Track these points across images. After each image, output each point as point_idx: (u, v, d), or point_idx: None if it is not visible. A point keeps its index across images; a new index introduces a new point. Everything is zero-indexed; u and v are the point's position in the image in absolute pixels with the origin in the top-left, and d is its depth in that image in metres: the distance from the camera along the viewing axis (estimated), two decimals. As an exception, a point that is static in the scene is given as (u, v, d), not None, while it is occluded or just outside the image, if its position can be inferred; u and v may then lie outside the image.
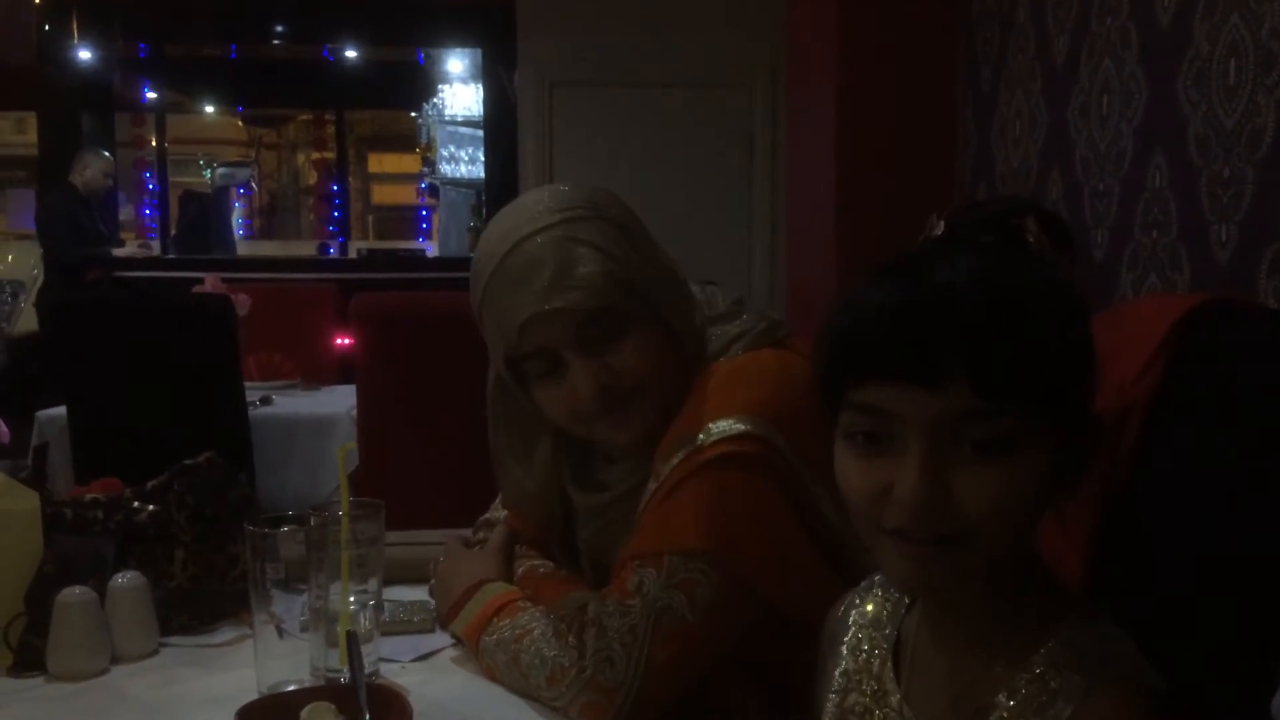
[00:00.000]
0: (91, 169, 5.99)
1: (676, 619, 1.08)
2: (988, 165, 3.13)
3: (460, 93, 6.75)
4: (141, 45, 7.54)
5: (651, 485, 1.15)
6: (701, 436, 1.12)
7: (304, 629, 1.16)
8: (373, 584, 1.18)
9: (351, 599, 1.15)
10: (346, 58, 7.29)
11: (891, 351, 0.74)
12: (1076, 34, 2.52)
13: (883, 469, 0.76)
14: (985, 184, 3.16)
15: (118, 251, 6.03)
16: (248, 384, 3.31)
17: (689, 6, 4.82)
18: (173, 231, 7.62)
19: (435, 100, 6.88)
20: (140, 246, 6.45)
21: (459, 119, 6.71)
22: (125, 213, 8.50)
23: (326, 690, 1.03)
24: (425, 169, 7.53)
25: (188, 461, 1.36)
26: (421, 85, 7.30)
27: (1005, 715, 0.78)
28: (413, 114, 7.67)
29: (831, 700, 0.90)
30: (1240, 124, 1.86)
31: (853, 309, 0.78)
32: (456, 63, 6.92)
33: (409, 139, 8.83)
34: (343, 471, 1.20)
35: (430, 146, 7.02)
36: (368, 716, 0.96)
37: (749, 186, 4.91)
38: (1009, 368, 0.73)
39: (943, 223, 0.83)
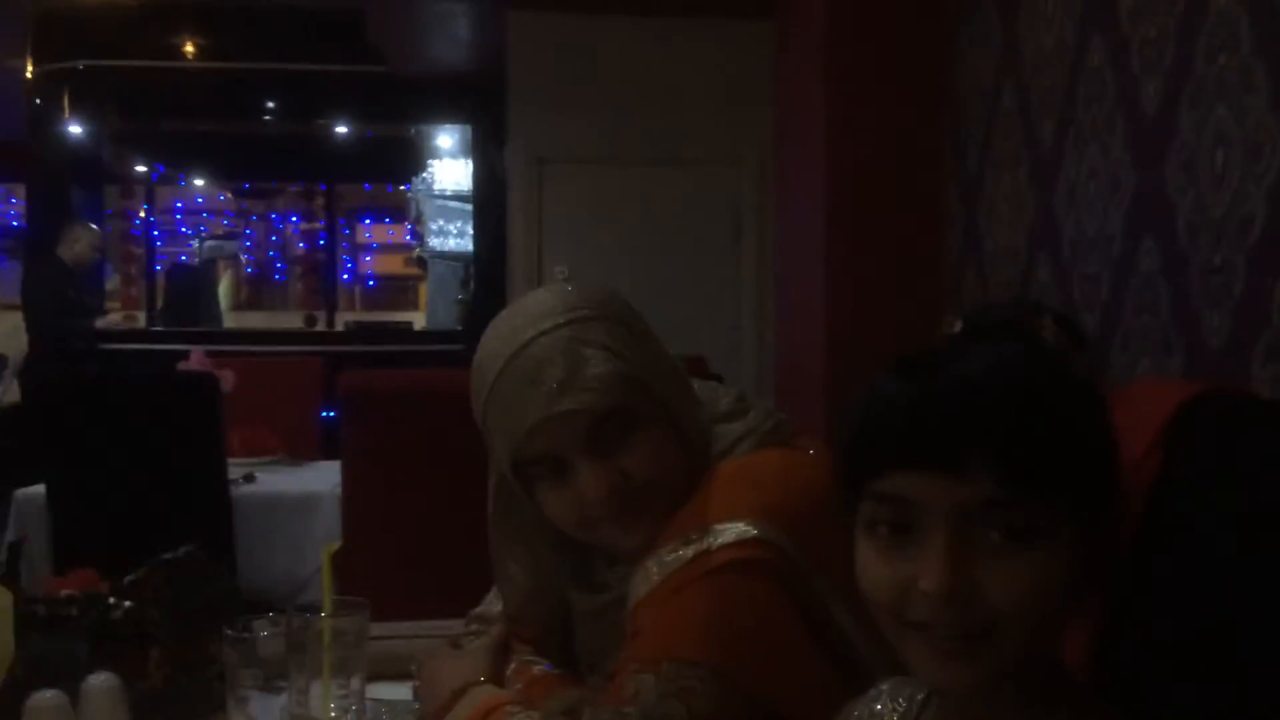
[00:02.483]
0: (81, 242, 5.98)
1: None
2: (976, 246, 3.14)
3: (450, 167, 6.80)
4: (133, 120, 7.59)
5: (641, 584, 1.12)
6: (709, 539, 1.09)
7: (284, 728, 1.12)
8: (355, 684, 1.14)
9: (332, 704, 1.12)
10: (337, 133, 7.35)
11: (914, 439, 0.74)
12: (1063, 119, 2.55)
13: (907, 561, 0.74)
14: (974, 264, 3.17)
15: (100, 322, 6.00)
16: (231, 460, 3.27)
17: (678, 86, 4.87)
18: (159, 303, 7.61)
19: (425, 175, 6.92)
20: (125, 319, 6.43)
21: (448, 193, 6.74)
22: (112, 283, 8.49)
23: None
24: (414, 242, 7.56)
25: (166, 555, 1.33)
26: (411, 160, 7.35)
27: None
28: (402, 187, 7.72)
29: None
30: (1229, 213, 1.87)
31: (873, 400, 0.78)
32: (446, 138, 6.98)
33: (399, 210, 8.86)
34: (327, 572, 1.16)
35: (420, 220, 7.05)
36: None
37: (737, 265, 4.93)
38: (1031, 456, 0.72)
39: (959, 322, 0.84)
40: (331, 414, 3.82)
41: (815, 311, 3.61)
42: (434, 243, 6.83)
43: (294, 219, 10.60)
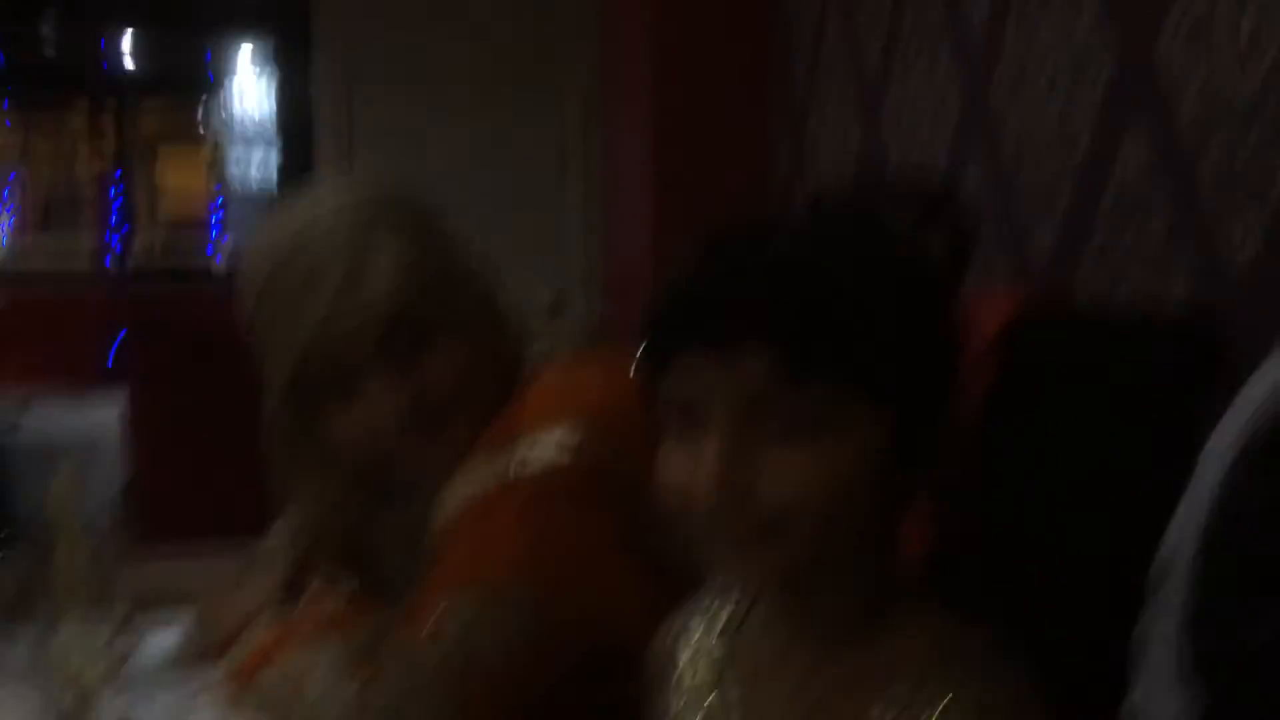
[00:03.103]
0: None
1: (483, 664, 0.92)
2: (802, 176, 3.12)
3: (250, 89, 6.37)
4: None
5: (447, 501, 0.99)
6: (523, 450, 0.97)
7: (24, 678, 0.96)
8: (114, 622, 0.98)
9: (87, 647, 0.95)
10: (124, 46, 6.79)
11: (692, 324, 0.68)
12: (890, 40, 2.52)
13: (690, 454, 0.68)
14: (801, 196, 3.15)
15: None
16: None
17: (499, 11, 4.67)
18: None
19: (222, 96, 6.46)
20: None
21: (250, 118, 6.32)
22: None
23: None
24: (214, 174, 7.08)
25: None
26: (206, 79, 6.86)
27: None
28: (199, 112, 7.22)
29: None
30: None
31: (665, 286, 0.71)
32: (246, 56, 6.53)
33: (196, 145, 8.31)
34: (66, 489, 0.99)
35: (217, 148, 6.59)
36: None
37: (563, 192, 4.79)
38: (809, 341, 0.65)
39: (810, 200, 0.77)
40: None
41: (643, 247, 3.55)
42: (233, 172, 6.39)
43: (80, 140, 9.86)
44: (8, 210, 8.54)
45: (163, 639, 1.18)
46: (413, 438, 1.01)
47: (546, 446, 0.96)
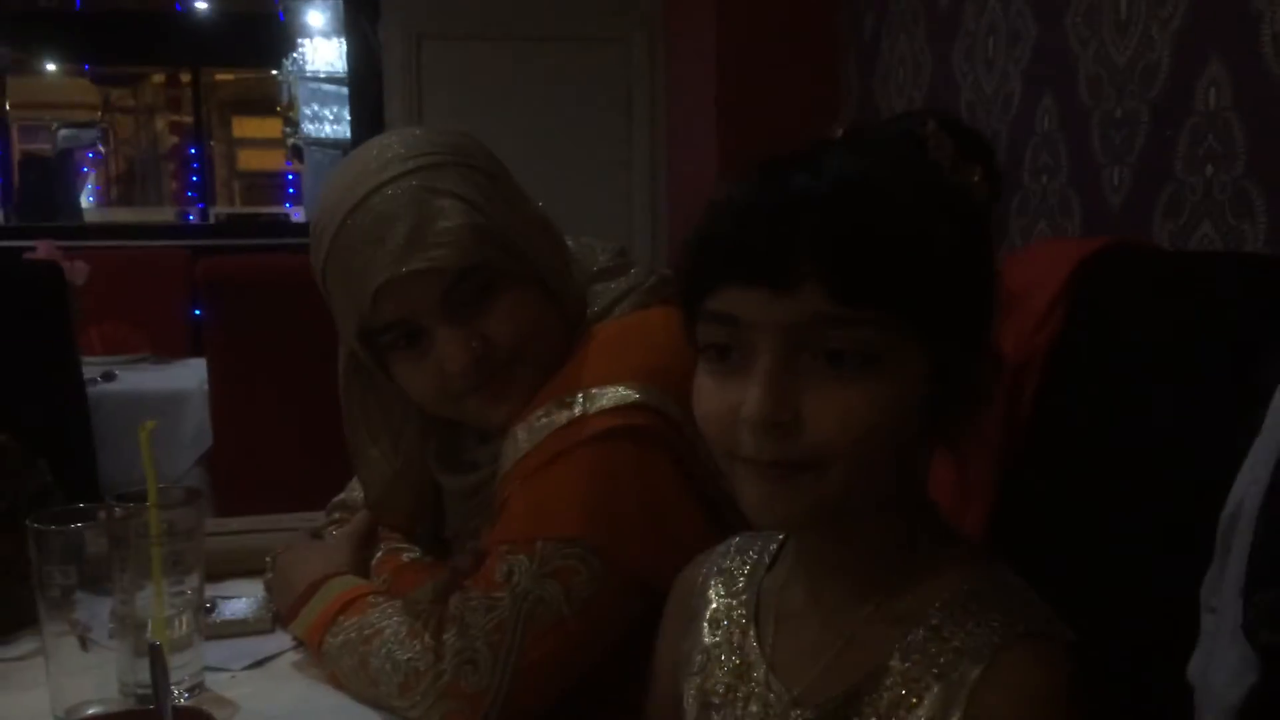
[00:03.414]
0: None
1: (551, 613, 0.94)
2: (872, 115, 3.05)
3: (322, 47, 6.41)
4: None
5: (509, 453, 1.00)
6: (583, 403, 0.97)
7: (112, 635, 0.99)
8: (192, 583, 1.01)
9: (167, 602, 0.98)
10: (200, 10, 6.88)
11: (742, 250, 0.66)
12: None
13: (733, 388, 0.67)
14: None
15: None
16: (90, 359, 3.06)
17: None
18: (14, 199, 7.11)
19: (295, 55, 6.53)
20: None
21: (322, 75, 6.37)
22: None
23: (124, 715, 0.86)
24: (288, 129, 7.16)
25: (-27, 446, 1.17)
26: (280, 40, 6.93)
27: (898, 680, 0.68)
28: (273, 72, 7.29)
29: (692, 684, 0.79)
30: (1133, 60, 1.79)
31: (711, 211, 0.69)
32: (317, 15, 6.57)
33: (272, 102, 8.42)
34: (148, 455, 1.02)
35: (292, 105, 6.66)
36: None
37: (629, 146, 4.76)
38: (866, 269, 0.64)
39: (841, 130, 0.74)
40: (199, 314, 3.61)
41: (708, 191, 3.49)
42: (308, 129, 6.47)
43: (159, 106, 10.03)
44: (91, 173, 8.74)
45: (240, 602, 1.21)
46: (479, 388, 1.02)
47: (609, 398, 0.97)
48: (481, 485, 1.09)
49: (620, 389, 0.97)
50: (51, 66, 9.00)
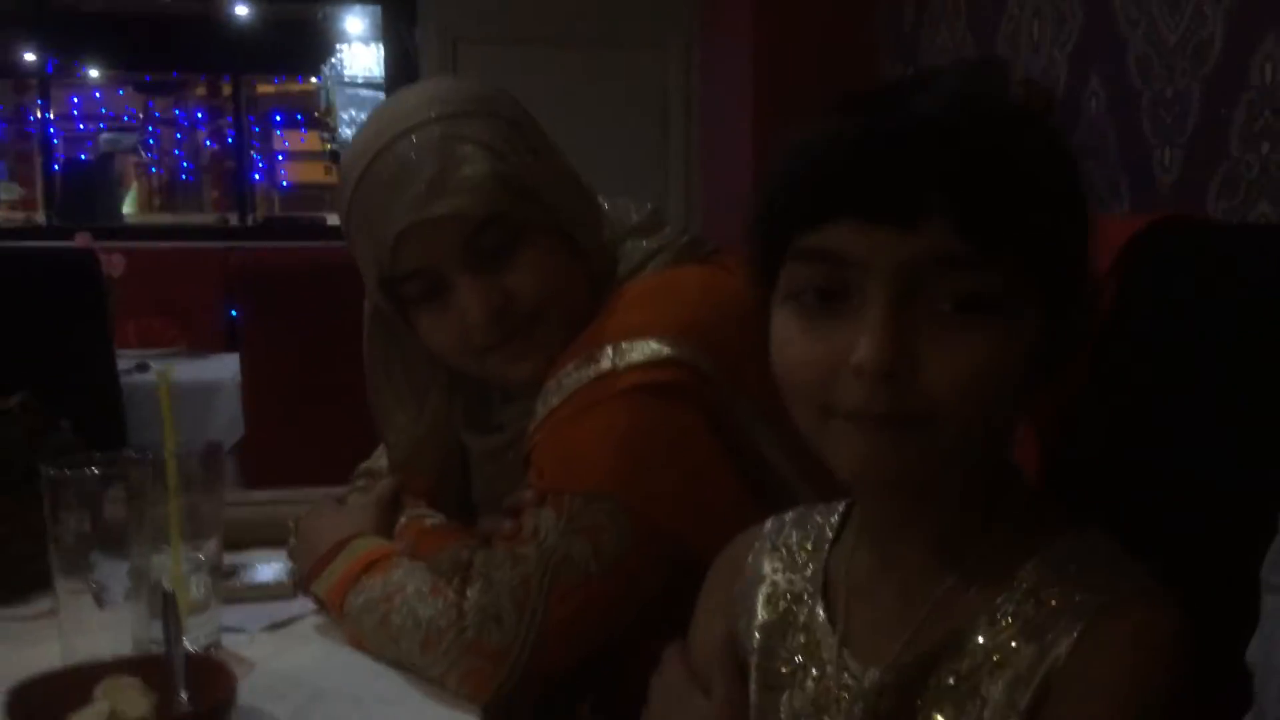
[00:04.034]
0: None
1: (578, 571, 0.90)
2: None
3: (360, 53, 6.46)
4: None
5: (538, 409, 0.97)
6: (612, 358, 0.94)
7: (128, 596, 0.96)
8: (210, 546, 0.98)
9: (184, 559, 0.96)
10: (240, 16, 6.94)
11: (858, 183, 0.60)
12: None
13: (835, 334, 0.61)
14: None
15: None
16: (125, 351, 3.07)
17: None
18: (57, 202, 7.20)
19: (334, 61, 6.58)
20: (25, 222, 6.06)
21: (359, 80, 6.41)
22: (11, 191, 8.05)
23: (132, 662, 0.83)
24: (325, 135, 7.21)
25: (-7, 404, 1.15)
26: (319, 46, 6.99)
27: (984, 645, 0.63)
28: (313, 79, 7.36)
29: (754, 664, 0.74)
30: (1185, 38, 1.74)
31: (810, 140, 0.63)
32: (355, 21, 6.62)
33: (311, 111, 8.48)
34: (166, 403, 0.99)
35: (330, 111, 6.71)
36: (183, 692, 0.76)
37: (664, 152, 4.74)
38: (1000, 205, 0.58)
39: (912, 69, 0.70)
40: (235, 313, 3.61)
41: (743, 197, 3.46)
42: (346, 134, 6.50)
43: (200, 114, 10.12)
44: (133, 184, 8.84)
45: (261, 567, 1.18)
46: (501, 345, 0.99)
47: (641, 353, 0.93)
48: (508, 446, 1.06)
49: (652, 343, 0.94)
50: (94, 73, 9.13)
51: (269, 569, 1.18)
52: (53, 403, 1.61)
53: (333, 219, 7.68)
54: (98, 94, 9.48)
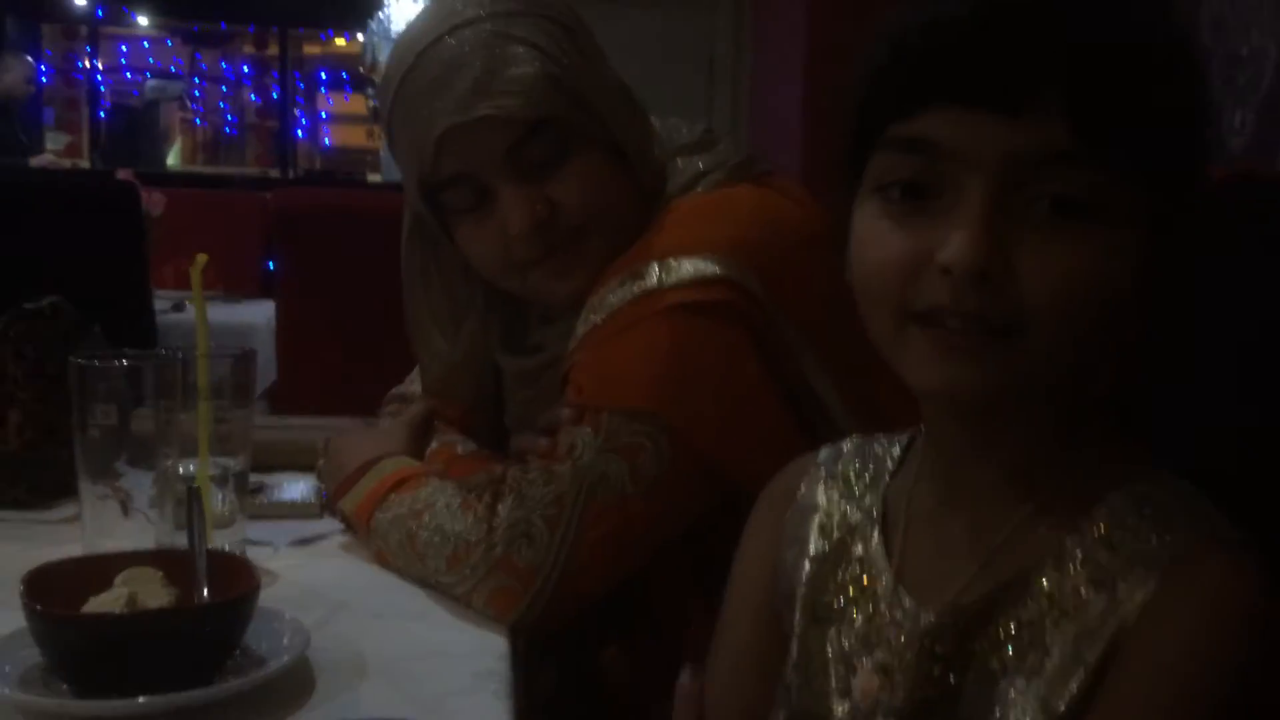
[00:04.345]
0: (12, 74, 5.64)
1: (614, 491, 0.87)
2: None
3: (406, 7, 6.43)
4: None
5: (580, 326, 0.93)
6: (659, 274, 0.90)
7: (153, 505, 0.94)
8: (239, 457, 0.96)
9: (212, 464, 0.93)
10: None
11: (965, 64, 0.55)
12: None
13: (924, 231, 0.57)
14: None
15: (35, 161, 5.68)
16: (162, 291, 3.07)
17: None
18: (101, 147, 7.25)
19: (380, 15, 6.55)
20: (58, 156, 6.11)
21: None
22: (57, 140, 8.13)
23: (155, 554, 0.81)
24: (369, 92, 7.19)
25: (28, 305, 1.13)
26: (365, 1, 6.97)
27: (1050, 590, 0.59)
28: (359, 36, 7.34)
29: (801, 596, 0.70)
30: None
31: (906, 23, 0.58)
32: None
33: (355, 72, 8.46)
34: (198, 292, 0.97)
35: (374, 68, 6.69)
36: (205, 587, 0.74)
37: (710, 106, 4.68)
38: (1118, 97, 0.53)
39: None
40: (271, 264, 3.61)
41: (792, 160, 3.41)
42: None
43: (246, 69, 10.14)
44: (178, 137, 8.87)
45: (289, 486, 1.17)
46: (543, 259, 0.96)
47: (688, 270, 0.90)
48: (545, 368, 1.02)
49: (700, 261, 0.90)
50: (143, 20, 9.18)
51: (296, 488, 1.16)
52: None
53: (374, 177, 7.69)
54: (145, 43, 9.53)
